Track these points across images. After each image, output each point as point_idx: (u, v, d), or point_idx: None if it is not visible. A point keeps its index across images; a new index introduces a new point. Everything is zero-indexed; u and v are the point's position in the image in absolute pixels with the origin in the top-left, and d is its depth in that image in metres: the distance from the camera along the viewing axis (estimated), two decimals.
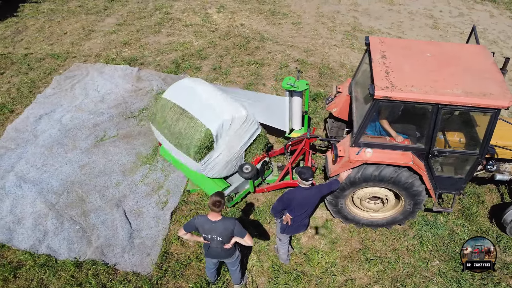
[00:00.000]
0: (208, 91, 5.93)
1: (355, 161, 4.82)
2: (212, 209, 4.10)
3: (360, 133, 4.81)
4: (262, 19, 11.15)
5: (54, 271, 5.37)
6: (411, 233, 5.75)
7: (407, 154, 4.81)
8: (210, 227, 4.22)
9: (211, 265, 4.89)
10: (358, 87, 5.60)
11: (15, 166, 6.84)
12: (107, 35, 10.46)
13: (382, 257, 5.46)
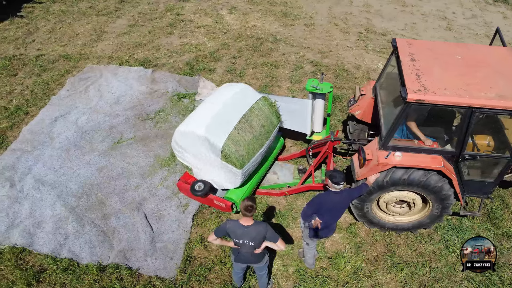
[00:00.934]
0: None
1: (385, 164, 4.77)
2: (244, 214, 4.04)
3: (389, 136, 4.75)
4: (274, 20, 11.11)
5: (77, 275, 5.31)
6: (437, 237, 5.69)
7: (437, 158, 4.76)
8: (242, 232, 4.16)
9: (239, 270, 4.83)
10: (384, 89, 5.55)
11: (33, 168, 6.79)
12: (119, 36, 10.41)
13: (408, 262, 5.40)
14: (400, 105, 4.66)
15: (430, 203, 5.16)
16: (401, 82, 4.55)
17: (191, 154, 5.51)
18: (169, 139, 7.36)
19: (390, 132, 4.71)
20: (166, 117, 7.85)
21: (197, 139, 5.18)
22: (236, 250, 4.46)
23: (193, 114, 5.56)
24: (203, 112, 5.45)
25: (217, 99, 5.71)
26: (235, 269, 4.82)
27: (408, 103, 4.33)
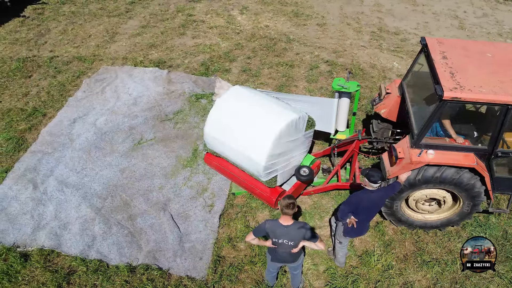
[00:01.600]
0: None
1: (418, 162, 4.78)
2: (286, 212, 4.04)
3: (422, 134, 4.77)
4: (286, 20, 11.13)
5: (107, 276, 5.30)
6: (465, 235, 5.72)
7: (470, 156, 4.78)
8: (282, 232, 4.15)
9: (273, 270, 4.83)
10: (412, 88, 5.57)
11: (54, 170, 6.77)
12: (131, 37, 10.39)
13: (438, 259, 5.42)
14: (433, 103, 4.68)
15: (461, 200, 5.18)
16: (435, 80, 4.57)
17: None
18: (189, 140, 7.37)
19: (423, 130, 4.73)
20: (185, 118, 7.84)
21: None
22: (272, 250, 4.46)
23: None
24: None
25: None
26: (270, 268, 4.82)
27: (444, 101, 4.35)
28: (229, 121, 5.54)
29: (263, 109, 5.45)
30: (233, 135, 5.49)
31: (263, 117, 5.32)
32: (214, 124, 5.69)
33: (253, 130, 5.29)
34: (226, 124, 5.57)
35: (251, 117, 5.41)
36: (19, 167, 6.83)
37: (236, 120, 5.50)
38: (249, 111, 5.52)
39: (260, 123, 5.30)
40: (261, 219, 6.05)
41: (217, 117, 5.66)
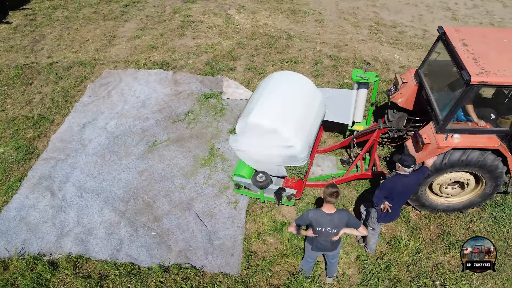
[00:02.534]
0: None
1: (445, 147, 4.93)
2: (329, 200, 4.10)
3: (448, 119, 4.93)
4: (284, 17, 11.22)
5: (140, 278, 5.25)
6: (485, 215, 5.92)
7: (493, 138, 4.96)
8: (326, 220, 4.22)
9: (312, 259, 4.89)
10: (431, 76, 5.73)
11: (70, 176, 6.65)
12: (131, 40, 10.29)
13: (463, 240, 5.60)
14: (458, 88, 4.84)
15: (484, 182, 5.36)
16: (459, 66, 4.73)
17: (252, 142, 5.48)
18: (204, 139, 7.36)
19: (449, 115, 4.88)
20: (197, 118, 7.82)
21: (264, 132, 5.18)
22: (313, 239, 4.52)
23: (258, 105, 5.49)
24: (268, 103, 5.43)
25: (274, 89, 5.70)
26: (309, 258, 4.88)
27: (472, 86, 4.51)
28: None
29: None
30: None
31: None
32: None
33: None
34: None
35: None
36: (33, 175, 6.69)
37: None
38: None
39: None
40: (286, 212, 6.10)
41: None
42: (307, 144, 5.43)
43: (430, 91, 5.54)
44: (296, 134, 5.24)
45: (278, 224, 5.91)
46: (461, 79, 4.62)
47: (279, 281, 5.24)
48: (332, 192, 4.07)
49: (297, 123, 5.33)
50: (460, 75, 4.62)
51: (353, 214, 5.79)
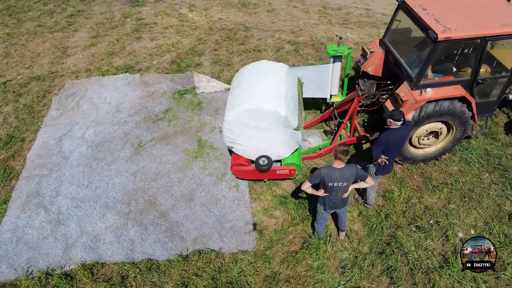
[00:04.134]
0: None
1: (421, 100, 5.57)
2: (339, 157, 4.51)
3: (420, 76, 5.58)
4: (237, 11, 11.53)
5: (162, 272, 5.31)
6: (456, 159, 6.73)
7: (458, 87, 5.71)
8: (337, 175, 4.61)
9: (324, 220, 5.27)
10: (396, 42, 6.37)
11: (59, 190, 6.44)
12: (86, 49, 9.98)
13: (444, 182, 6.34)
14: (426, 47, 5.48)
15: (454, 128, 6.11)
16: (424, 28, 5.38)
17: (248, 132, 5.74)
18: (189, 133, 7.46)
19: (421, 72, 5.53)
20: (176, 114, 7.89)
21: (263, 114, 5.46)
22: (324, 200, 4.90)
23: (239, 96, 5.81)
24: (249, 91, 5.75)
25: (251, 78, 6.05)
26: (321, 219, 5.26)
27: (439, 42, 5.17)
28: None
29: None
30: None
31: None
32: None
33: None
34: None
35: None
36: (18, 195, 6.38)
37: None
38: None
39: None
40: (286, 185, 6.45)
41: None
42: (299, 120, 5.82)
43: (398, 55, 6.19)
44: (290, 112, 5.61)
45: (281, 198, 6.23)
46: (428, 38, 5.27)
47: (296, 247, 5.58)
48: (343, 150, 4.49)
49: (287, 102, 5.70)
50: (427, 35, 5.26)
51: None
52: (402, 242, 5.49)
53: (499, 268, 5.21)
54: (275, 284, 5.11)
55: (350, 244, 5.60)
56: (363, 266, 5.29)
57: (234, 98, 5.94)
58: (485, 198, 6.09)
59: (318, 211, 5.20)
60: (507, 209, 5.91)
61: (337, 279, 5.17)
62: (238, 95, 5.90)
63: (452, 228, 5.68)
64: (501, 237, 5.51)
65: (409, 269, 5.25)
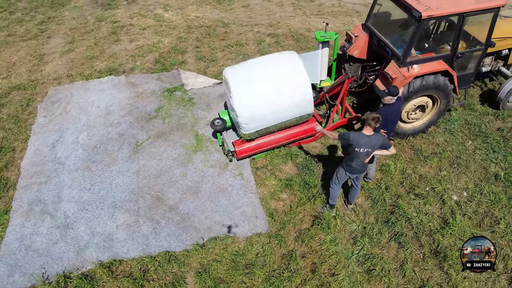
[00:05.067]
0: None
1: (409, 76, 5.98)
2: (370, 123, 4.82)
3: (407, 54, 5.98)
4: (212, 8, 11.65)
5: (181, 261, 5.41)
6: (441, 130, 7.22)
7: (441, 62, 6.16)
8: (365, 141, 4.92)
9: (340, 185, 5.57)
10: (379, 25, 6.76)
11: (61, 195, 6.37)
12: (64, 54, 9.77)
13: (433, 152, 6.81)
14: (409, 27, 5.90)
15: (439, 101, 6.58)
16: (407, 8, 5.78)
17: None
18: (185, 129, 7.54)
19: (407, 50, 5.94)
20: (169, 112, 7.93)
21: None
22: (348, 165, 5.22)
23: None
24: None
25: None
26: (338, 183, 5.53)
27: (422, 20, 5.58)
28: (259, 93, 5.99)
29: (272, 65, 6.09)
30: (272, 98, 5.98)
31: (280, 68, 6.00)
32: (248, 105, 6.01)
33: (285, 81, 5.92)
34: (259, 95, 5.99)
35: (272, 75, 6.00)
36: (19, 205, 6.25)
37: (264, 86, 5.98)
38: (264, 73, 6.07)
39: (283, 72, 5.95)
40: (288, 169, 6.68)
41: (247, 98, 6.01)
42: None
43: (384, 37, 6.58)
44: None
45: (285, 181, 6.46)
46: (412, 17, 5.68)
47: (307, 225, 5.83)
48: (374, 117, 4.80)
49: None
50: (411, 14, 5.67)
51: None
52: (404, 210, 5.88)
53: (493, 223, 5.71)
54: (293, 260, 5.34)
55: (357, 216, 5.92)
56: (372, 235, 5.62)
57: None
58: (472, 162, 6.60)
59: (338, 175, 5.47)
60: (493, 171, 6.45)
61: (350, 249, 5.47)
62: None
63: (446, 193, 6.14)
64: (491, 196, 6.03)
65: (414, 233, 5.64)
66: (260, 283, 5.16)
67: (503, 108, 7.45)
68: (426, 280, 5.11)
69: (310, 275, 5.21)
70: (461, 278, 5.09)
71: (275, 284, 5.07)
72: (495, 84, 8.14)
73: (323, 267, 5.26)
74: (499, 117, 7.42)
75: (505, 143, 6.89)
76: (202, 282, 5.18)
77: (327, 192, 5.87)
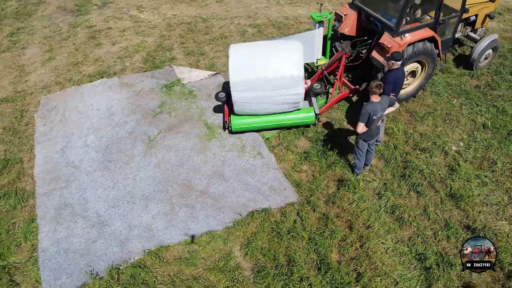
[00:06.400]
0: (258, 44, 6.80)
1: (403, 44, 6.63)
2: (375, 91, 5.33)
3: (399, 24, 6.62)
4: (187, 6, 11.79)
5: (225, 238, 5.66)
6: (427, 94, 8.00)
7: (426, 30, 6.89)
8: (378, 107, 5.46)
9: (364, 153, 6.08)
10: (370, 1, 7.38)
11: (87, 197, 6.36)
12: (46, 63, 9.49)
13: (425, 113, 7.55)
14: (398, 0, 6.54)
15: (426, 65, 7.32)
16: None
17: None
18: (193, 120, 7.71)
19: (400, 20, 6.58)
20: (173, 106, 8.06)
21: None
22: (365, 133, 5.70)
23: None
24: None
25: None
26: (362, 153, 6.05)
27: None
28: (253, 74, 6.40)
29: (271, 47, 6.53)
30: (266, 78, 6.38)
31: (279, 51, 6.42)
32: (242, 85, 6.40)
33: (279, 62, 6.34)
34: (254, 79, 6.39)
35: (270, 56, 6.40)
36: (45, 212, 6.16)
37: (260, 68, 6.38)
38: (263, 54, 6.47)
39: (282, 55, 6.37)
40: (302, 144, 7.11)
41: (241, 77, 6.39)
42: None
43: (374, 12, 7.19)
44: None
45: (303, 154, 6.89)
46: None
47: (333, 189, 6.30)
48: (377, 84, 5.32)
49: None
50: None
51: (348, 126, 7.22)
52: (415, 164, 6.53)
53: (491, 164, 6.52)
54: (330, 221, 5.78)
55: (375, 176, 6.48)
56: (393, 189, 6.21)
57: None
58: (461, 117, 7.42)
59: (359, 147, 5.97)
60: (480, 121, 7.31)
61: (377, 204, 6.02)
62: None
63: (446, 145, 6.88)
64: (484, 142, 6.85)
65: (427, 182, 6.30)
66: (304, 244, 5.54)
67: (476, 68, 8.38)
68: (448, 219, 5.77)
69: (348, 231, 5.68)
70: (476, 212, 5.81)
71: (320, 242, 5.49)
72: (464, 49, 9.11)
73: (358, 222, 5.74)
74: (474, 76, 8.36)
75: (484, 97, 7.81)
76: (250, 252, 5.48)
77: (353, 163, 6.39)
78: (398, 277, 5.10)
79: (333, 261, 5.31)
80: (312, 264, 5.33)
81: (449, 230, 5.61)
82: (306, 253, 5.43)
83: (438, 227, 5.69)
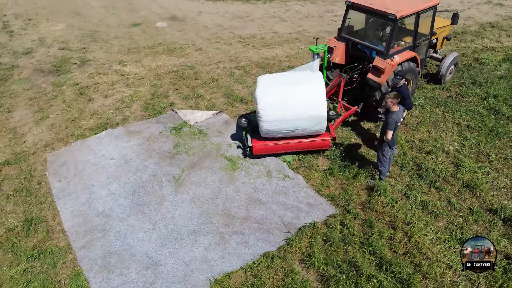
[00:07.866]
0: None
1: (395, 64, 7.71)
2: (395, 102, 6.15)
3: (389, 48, 7.72)
4: (168, 57, 12.30)
5: (282, 256, 5.87)
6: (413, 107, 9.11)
7: (409, 51, 8.08)
8: (400, 115, 6.31)
9: (388, 163, 6.77)
10: (355, 32, 8.47)
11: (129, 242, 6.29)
12: (40, 123, 9.28)
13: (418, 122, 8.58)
14: (386, 27, 7.69)
15: (412, 82, 8.47)
16: (381, 15, 7.57)
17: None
18: (212, 156, 8.01)
19: (389, 45, 7.69)
20: (188, 145, 8.29)
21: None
22: (391, 140, 6.42)
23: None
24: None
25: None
26: (389, 159, 6.76)
27: (397, 20, 7.39)
28: (281, 101, 7.01)
29: (297, 79, 7.23)
30: (292, 108, 6.99)
31: (304, 83, 7.10)
32: (270, 109, 6.97)
33: (305, 96, 6.99)
34: (280, 103, 6.98)
35: (295, 89, 7.08)
36: (91, 264, 5.97)
37: (287, 97, 7.01)
38: (288, 86, 7.15)
39: (305, 88, 7.05)
40: (322, 163, 7.68)
41: (269, 100, 6.98)
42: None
43: (363, 40, 8.28)
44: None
45: (326, 171, 7.43)
46: (388, 20, 7.47)
47: (364, 198, 6.86)
48: (395, 95, 6.18)
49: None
50: (386, 17, 7.46)
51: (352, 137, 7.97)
52: (426, 165, 7.36)
53: (486, 156, 7.55)
54: (374, 225, 6.27)
55: (396, 180, 7.19)
56: (416, 188, 6.92)
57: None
58: (447, 122, 8.56)
59: (384, 154, 6.67)
60: (463, 123, 8.49)
61: (407, 203, 6.66)
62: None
63: (444, 146, 7.87)
64: (474, 140, 7.95)
65: (442, 179, 7.13)
66: (358, 248, 5.93)
67: (444, 82, 9.78)
68: (471, 206, 6.55)
69: (392, 231, 6.19)
70: (491, 197, 6.67)
71: (373, 244, 5.91)
72: (428, 68, 10.58)
73: (398, 221, 6.30)
74: (444, 89, 9.74)
75: (459, 104, 9.11)
76: (311, 265, 5.73)
77: (378, 170, 7.08)
78: (450, 261, 5.65)
79: (390, 258, 5.74)
80: (371, 264, 5.71)
81: (475, 214, 6.37)
82: (363, 256, 5.81)
83: (465, 214, 6.43)
